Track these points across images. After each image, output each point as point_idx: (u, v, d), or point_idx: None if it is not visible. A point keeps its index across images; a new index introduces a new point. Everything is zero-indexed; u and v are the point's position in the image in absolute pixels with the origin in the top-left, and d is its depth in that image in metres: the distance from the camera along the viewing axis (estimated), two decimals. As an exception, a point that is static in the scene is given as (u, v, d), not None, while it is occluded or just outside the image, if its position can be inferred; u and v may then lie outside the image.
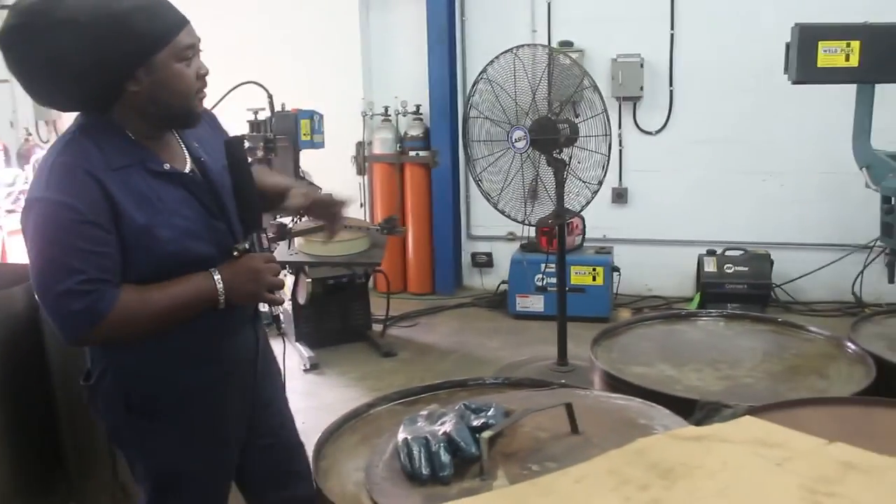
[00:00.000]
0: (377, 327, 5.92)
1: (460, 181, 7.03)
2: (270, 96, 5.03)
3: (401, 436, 1.51)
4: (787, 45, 4.58)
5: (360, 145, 7.03)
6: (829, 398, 1.70)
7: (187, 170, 1.93)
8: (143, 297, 1.79)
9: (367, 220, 6.83)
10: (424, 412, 1.59)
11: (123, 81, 1.77)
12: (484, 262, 7.20)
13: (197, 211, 1.90)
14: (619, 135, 6.59)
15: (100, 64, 1.71)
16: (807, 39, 4.44)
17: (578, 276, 6.07)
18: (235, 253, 1.90)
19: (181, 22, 1.79)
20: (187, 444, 1.97)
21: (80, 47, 1.68)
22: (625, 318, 2.49)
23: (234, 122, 4.81)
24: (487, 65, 4.81)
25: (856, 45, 4.42)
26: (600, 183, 4.76)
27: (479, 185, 4.98)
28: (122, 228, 1.76)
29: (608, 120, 4.68)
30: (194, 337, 1.91)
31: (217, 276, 1.85)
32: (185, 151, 1.96)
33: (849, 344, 2.15)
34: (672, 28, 6.49)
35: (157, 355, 1.89)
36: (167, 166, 1.87)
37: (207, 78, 1.90)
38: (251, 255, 1.90)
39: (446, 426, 1.50)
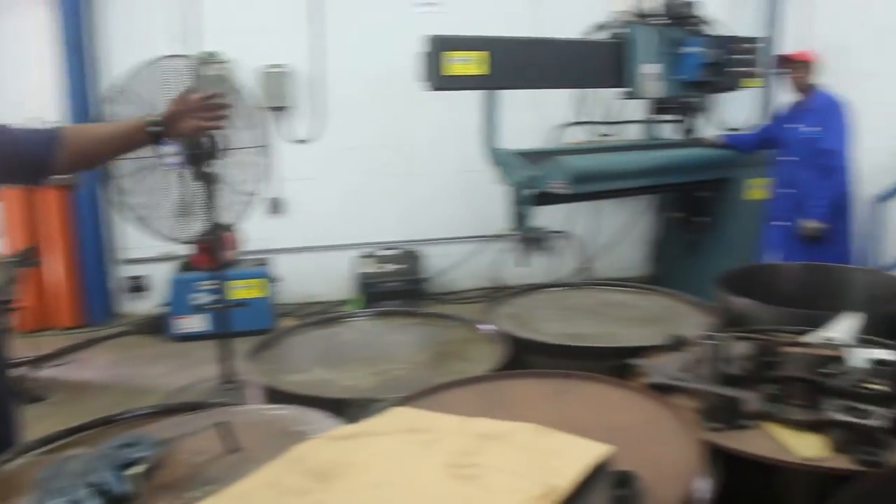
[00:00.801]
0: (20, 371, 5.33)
1: (105, 201, 6.56)
2: None
3: (35, 494, 1.36)
4: (423, 55, 4.91)
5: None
6: (468, 378, 1.85)
7: None
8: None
9: (4, 251, 6.12)
10: (63, 460, 1.45)
11: None
12: (138, 287, 6.81)
13: None
14: (272, 145, 6.59)
15: None
16: (440, 50, 4.82)
17: (239, 290, 5.97)
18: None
19: None
20: None
21: None
22: (282, 328, 2.49)
23: None
24: (128, 77, 4.55)
25: (484, 55, 4.89)
26: (256, 195, 4.73)
27: (122, 206, 4.70)
28: None
29: (264, 130, 4.67)
30: None
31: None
32: None
33: (485, 326, 2.36)
34: (319, 38, 6.63)
35: None
36: None
37: None
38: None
39: (90, 471, 1.38)
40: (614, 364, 1.99)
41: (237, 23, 6.48)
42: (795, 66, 5.08)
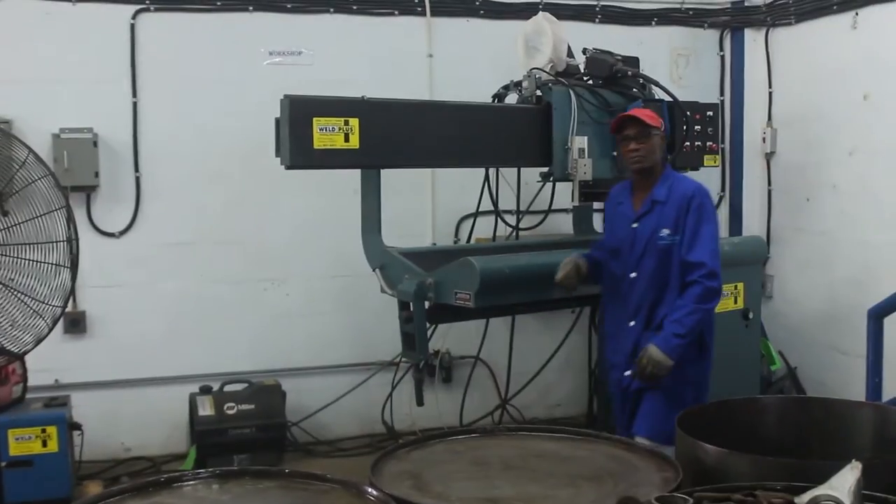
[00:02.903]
0: None
1: None
2: None
3: None
4: (277, 122, 4.93)
5: None
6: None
7: None
8: None
9: None
10: None
11: None
12: None
13: None
14: (76, 239, 6.46)
15: None
16: (300, 116, 4.84)
17: (21, 442, 5.71)
18: None
19: None
20: None
21: None
22: (86, 497, 2.38)
23: None
24: None
25: (355, 122, 4.95)
26: (53, 308, 4.58)
27: None
28: None
29: (72, 218, 4.55)
30: None
31: None
32: None
33: (370, 490, 2.31)
34: (134, 97, 6.60)
35: None
36: None
37: None
38: None
39: None
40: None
41: (16, 71, 6.37)
42: (638, 133, 4.55)
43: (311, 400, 6.90)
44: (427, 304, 5.03)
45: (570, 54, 6.04)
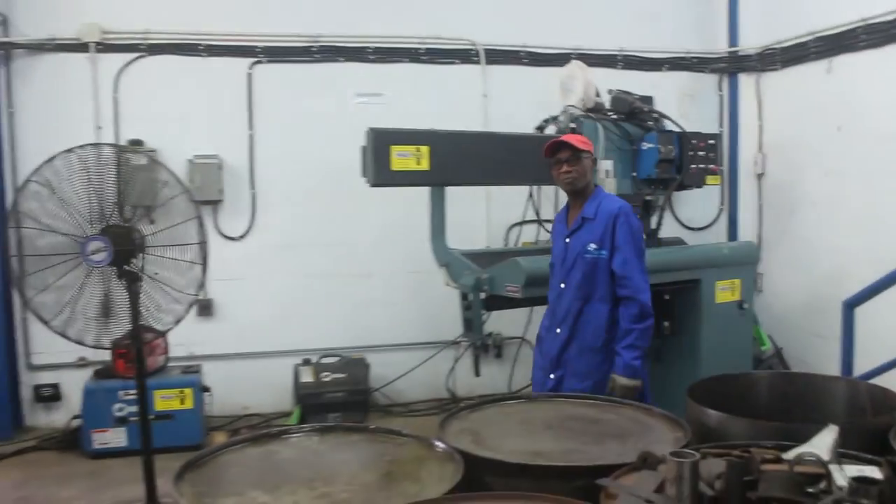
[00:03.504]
0: None
1: (13, 302, 6.37)
2: None
3: None
4: (363, 149, 4.97)
5: None
6: (420, 502, 1.80)
7: None
8: None
9: None
10: None
11: None
12: (50, 396, 6.57)
13: None
14: (206, 242, 6.56)
15: None
16: (381, 144, 4.88)
17: (164, 400, 5.82)
18: None
19: None
20: None
21: None
22: (215, 445, 2.41)
23: None
24: (43, 164, 4.50)
25: (425, 150, 4.98)
26: (188, 296, 4.64)
27: (30, 308, 4.57)
28: None
29: (202, 225, 4.62)
30: None
31: None
32: None
33: (438, 443, 2.31)
34: (251, 129, 6.70)
35: None
36: None
37: None
38: None
39: None
40: (579, 484, 1.95)
41: (160, 110, 6.53)
42: (570, 156, 4.04)
43: (389, 370, 6.92)
44: (483, 294, 5.02)
45: (597, 94, 5.99)
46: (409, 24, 6.94)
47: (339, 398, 6.35)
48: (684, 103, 7.45)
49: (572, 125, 5.78)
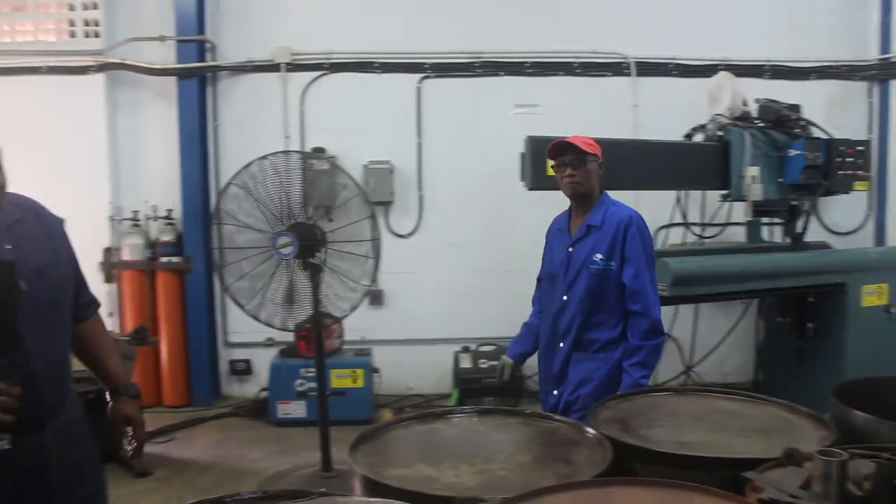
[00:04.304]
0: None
1: (215, 287, 6.79)
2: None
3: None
4: (522, 156, 4.97)
5: (107, 251, 6.62)
6: (572, 483, 1.79)
7: None
8: None
9: (117, 330, 6.39)
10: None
11: None
12: (243, 370, 6.95)
13: None
14: (380, 238, 6.77)
15: None
16: (538, 151, 4.84)
17: (339, 378, 6.03)
18: None
19: None
20: None
21: None
22: (384, 420, 2.48)
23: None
24: (241, 170, 4.77)
25: (579, 156, 4.90)
26: (363, 287, 4.80)
27: (229, 293, 4.85)
28: None
29: (375, 224, 4.78)
30: None
31: None
32: None
33: (588, 429, 2.29)
34: (419, 138, 6.84)
35: None
36: None
37: None
38: None
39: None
40: (725, 476, 1.88)
41: (340, 120, 6.77)
42: (574, 159, 3.50)
43: (540, 359, 6.90)
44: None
45: (744, 103, 5.76)
46: (565, 40, 6.88)
47: (494, 383, 6.31)
48: (833, 111, 7.01)
49: (720, 133, 5.60)
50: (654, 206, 6.71)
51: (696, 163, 5.55)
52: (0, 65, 6.66)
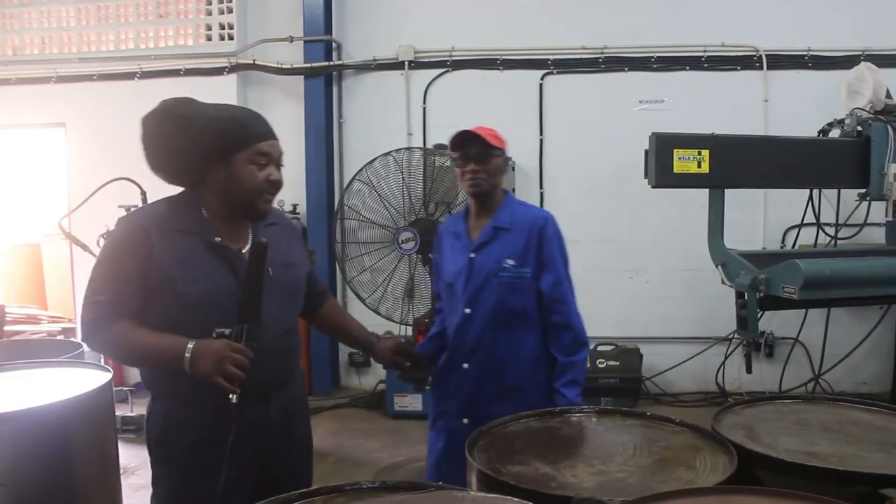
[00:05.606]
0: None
1: (337, 281, 6.97)
2: (143, 192, 4.91)
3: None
4: (646, 153, 4.87)
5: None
6: (695, 489, 1.74)
7: (244, 250, 2.36)
8: (128, 333, 2.21)
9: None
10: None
11: (207, 168, 2.32)
12: (361, 362, 7.11)
13: (228, 282, 2.29)
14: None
15: (190, 149, 2.28)
16: (663, 147, 4.74)
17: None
18: (214, 334, 2.16)
19: (264, 135, 2.41)
20: (180, 496, 2.32)
21: (181, 134, 2.28)
22: (503, 417, 2.48)
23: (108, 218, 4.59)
24: (364, 166, 4.88)
25: (706, 153, 4.77)
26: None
27: (350, 286, 4.97)
28: (152, 275, 2.21)
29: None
30: (205, 395, 2.19)
31: (190, 346, 2.15)
32: (250, 238, 2.42)
33: (712, 434, 2.22)
34: (541, 134, 6.81)
35: (178, 402, 2.31)
36: (218, 240, 2.32)
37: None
38: (226, 341, 2.15)
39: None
40: (859, 491, 1.79)
41: (462, 117, 6.68)
42: (479, 153, 3.02)
43: (660, 361, 6.74)
44: (758, 294, 4.75)
45: (888, 96, 5.44)
46: (691, 34, 6.69)
47: (612, 384, 6.30)
48: None
49: (859, 128, 5.31)
50: (782, 206, 6.48)
51: (833, 160, 5.28)
52: (145, 68, 7.06)
